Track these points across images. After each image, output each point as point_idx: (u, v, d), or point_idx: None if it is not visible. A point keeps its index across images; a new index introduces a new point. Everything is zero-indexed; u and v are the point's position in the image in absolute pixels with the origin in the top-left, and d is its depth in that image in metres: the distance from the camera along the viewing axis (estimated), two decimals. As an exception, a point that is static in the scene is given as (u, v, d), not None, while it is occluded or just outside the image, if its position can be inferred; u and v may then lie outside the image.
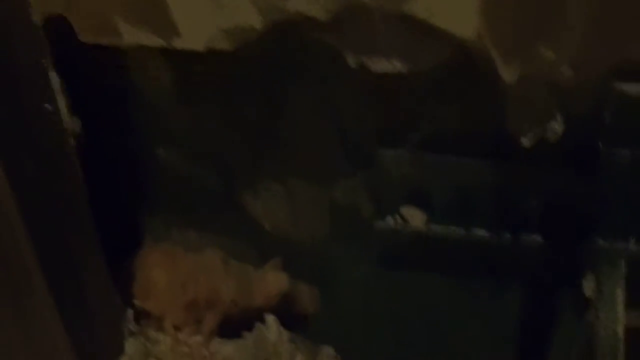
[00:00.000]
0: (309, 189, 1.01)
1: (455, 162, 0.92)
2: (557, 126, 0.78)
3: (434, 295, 1.07)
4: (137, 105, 1.01)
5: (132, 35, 0.88)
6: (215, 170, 1.05)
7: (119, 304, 1.10)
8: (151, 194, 1.12)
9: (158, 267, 1.14)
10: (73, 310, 0.96)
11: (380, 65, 0.78)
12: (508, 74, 0.73)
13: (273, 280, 1.12)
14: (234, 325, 1.13)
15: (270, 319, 1.11)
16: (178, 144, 1.04)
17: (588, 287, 0.86)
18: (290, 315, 1.14)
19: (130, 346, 1.13)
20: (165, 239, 1.15)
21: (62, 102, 0.89)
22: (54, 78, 0.86)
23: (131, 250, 1.15)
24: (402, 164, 0.94)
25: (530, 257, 0.98)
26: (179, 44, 0.86)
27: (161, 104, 1.00)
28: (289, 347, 1.11)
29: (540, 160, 0.85)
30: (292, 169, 1.01)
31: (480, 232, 0.96)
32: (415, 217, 0.98)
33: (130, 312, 1.14)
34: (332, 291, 1.13)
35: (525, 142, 0.80)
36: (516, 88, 0.76)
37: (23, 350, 0.97)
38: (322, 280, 1.12)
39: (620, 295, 0.79)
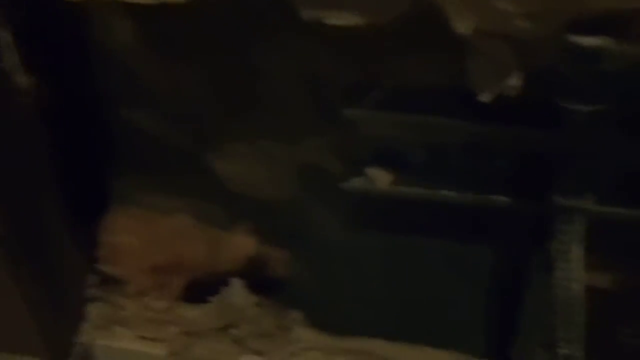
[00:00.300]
0: (276, 149, 1.00)
1: (421, 121, 0.90)
2: (515, 81, 0.77)
3: (402, 255, 1.06)
4: (101, 63, 0.99)
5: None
6: (183, 131, 1.04)
7: (82, 268, 1.09)
8: (118, 156, 1.10)
9: (124, 231, 1.13)
10: (32, 273, 0.95)
11: (336, 18, 0.76)
12: (462, 26, 0.71)
13: (241, 244, 1.11)
14: (201, 289, 1.13)
15: (237, 282, 1.11)
16: (144, 104, 1.03)
17: (550, 246, 0.85)
18: (260, 279, 1.13)
19: (94, 312, 1.13)
20: (134, 202, 1.14)
21: (13, 59, 0.87)
22: (4, 35, 0.83)
23: (99, 214, 1.14)
24: (368, 123, 0.93)
25: (497, 216, 0.97)
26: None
27: (125, 62, 0.98)
28: (256, 311, 1.10)
29: (501, 118, 0.84)
30: (259, 129, 0.99)
31: (447, 192, 0.95)
32: (381, 178, 0.97)
33: (94, 277, 1.13)
34: (301, 253, 1.12)
35: (485, 97, 0.79)
36: (473, 42, 0.75)
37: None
38: (291, 243, 1.11)
39: (578, 253, 0.79)
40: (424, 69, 0.85)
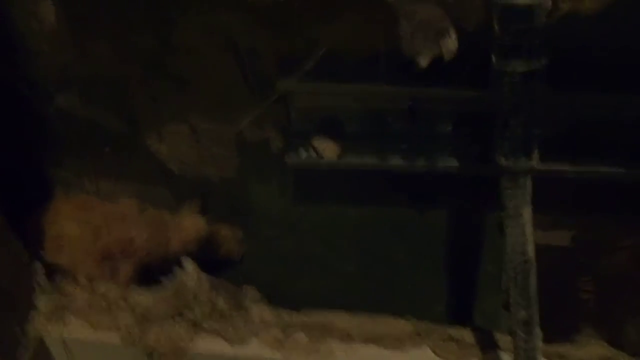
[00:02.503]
0: (213, 127, 0.97)
1: (358, 89, 0.88)
2: (450, 44, 0.74)
3: (353, 226, 1.04)
4: (28, 50, 0.95)
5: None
6: (118, 115, 1.00)
7: (27, 262, 1.06)
8: (57, 143, 1.07)
9: (68, 218, 1.09)
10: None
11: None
12: (392, -10, 0.68)
13: (189, 225, 1.08)
14: (153, 272, 1.10)
15: (189, 264, 1.08)
16: (76, 90, 0.99)
17: (500, 210, 0.83)
18: (213, 259, 1.11)
19: (44, 303, 1.10)
20: (77, 189, 1.10)
21: None
22: None
23: (42, 203, 1.11)
24: (305, 94, 0.90)
25: (447, 182, 0.95)
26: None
27: (52, 46, 0.94)
28: (211, 292, 1.08)
29: (438, 81, 0.81)
30: (193, 108, 0.96)
31: (394, 160, 0.92)
32: (327, 150, 0.94)
33: (40, 267, 1.09)
34: (251, 230, 1.09)
35: (421, 61, 0.76)
36: (405, 6, 0.72)
37: None
38: (240, 220, 1.09)
39: (527, 213, 0.77)
40: (357, 36, 0.82)
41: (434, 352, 1.03)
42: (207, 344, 1.06)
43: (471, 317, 1.07)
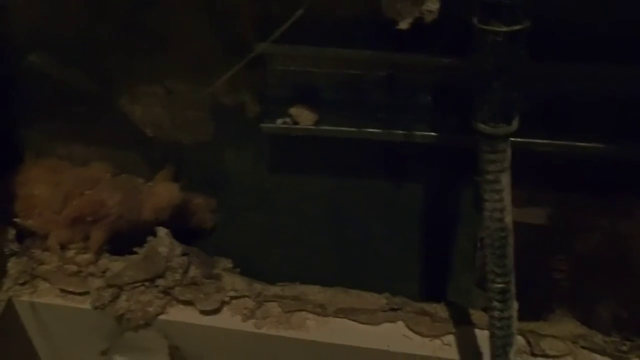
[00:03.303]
0: (189, 90, 0.95)
1: (336, 54, 0.86)
2: (432, 5, 0.72)
3: (329, 197, 1.02)
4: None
5: None
6: (91, 75, 0.98)
7: (-4, 223, 1.04)
8: (27, 105, 1.04)
9: (40, 182, 1.07)
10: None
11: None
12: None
13: (163, 192, 1.06)
14: (126, 240, 1.08)
15: (162, 232, 1.06)
16: (50, 49, 0.97)
17: (478, 177, 0.82)
18: (187, 227, 1.09)
19: (14, 267, 1.08)
20: (48, 153, 1.08)
21: None
22: None
23: (12, 166, 1.09)
24: (282, 58, 0.88)
25: (424, 153, 0.94)
26: None
27: (23, 1, 0.92)
28: (183, 260, 1.06)
29: (420, 45, 0.80)
30: (168, 70, 0.94)
31: (371, 129, 0.91)
32: (304, 116, 0.93)
33: (11, 232, 1.07)
34: (225, 199, 1.08)
35: (402, 25, 0.74)
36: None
37: None
38: (214, 189, 1.07)
39: (505, 179, 0.75)
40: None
41: (407, 326, 1.02)
42: (177, 311, 1.05)
43: (445, 293, 1.06)
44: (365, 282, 1.06)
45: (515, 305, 0.83)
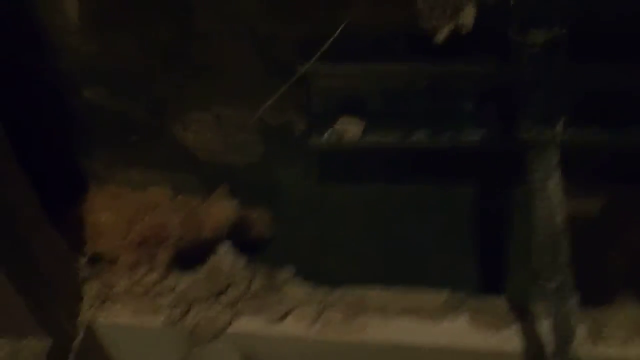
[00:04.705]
0: (236, 113, 0.98)
1: (377, 69, 0.88)
2: (467, 18, 0.74)
3: (383, 203, 1.05)
4: (52, 45, 0.97)
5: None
6: (143, 105, 1.02)
7: (67, 252, 1.09)
8: (88, 137, 1.09)
9: (104, 209, 1.12)
10: (20, 271, 0.95)
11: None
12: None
13: (220, 210, 1.10)
14: (189, 259, 1.12)
15: (224, 247, 1.10)
16: (102, 83, 1.01)
17: (527, 183, 0.83)
18: (245, 242, 1.13)
19: (88, 291, 1.13)
20: (110, 181, 1.13)
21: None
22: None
23: (77, 196, 1.14)
24: (325, 76, 0.90)
25: (472, 157, 0.95)
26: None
27: (75, 41, 0.96)
28: (246, 273, 1.10)
29: (459, 57, 0.81)
30: (216, 95, 0.97)
31: (418, 137, 0.93)
32: (349, 129, 0.95)
33: (82, 259, 1.13)
34: (281, 212, 1.11)
35: (439, 37, 0.76)
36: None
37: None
38: (270, 202, 1.10)
39: (556, 186, 0.77)
40: (375, 14, 0.82)
41: (468, 322, 1.03)
42: (244, 323, 1.08)
43: (504, 289, 1.08)
44: (423, 283, 1.08)
45: (574, 299, 0.84)
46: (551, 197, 0.80)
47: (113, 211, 1.11)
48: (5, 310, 0.98)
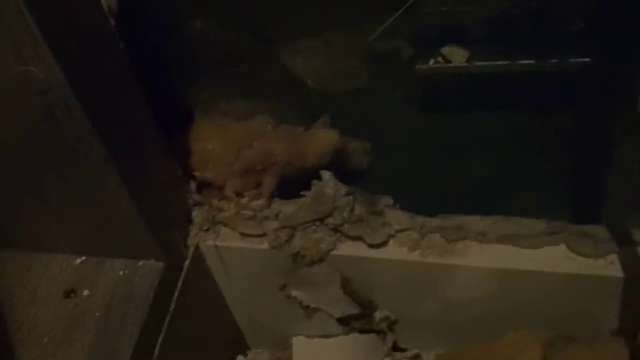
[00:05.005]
0: (346, 39, 1.00)
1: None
2: None
3: (483, 132, 1.06)
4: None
5: None
6: (253, 34, 1.05)
7: (180, 175, 1.15)
8: (195, 67, 1.13)
9: (211, 138, 1.17)
10: (136, 181, 1.00)
11: None
12: None
13: (323, 138, 1.13)
14: (293, 185, 1.17)
15: (327, 175, 1.14)
16: (212, 13, 1.04)
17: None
18: (346, 170, 1.16)
19: (197, 215, 1.19)
20: (215, 110, 1.17)
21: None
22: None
23: (184, 125, 1.19)
24: (437, 3, 0.92)
25: (579, 81, 0.96)
26: None
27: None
28: (348, 200, 1.14)
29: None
30: (325, 23, 1.00)
31: (524, 62, 0.94)
32: (456, 55, 0.97)
33: (192, 184, 1.18)
34: (383, 141, 1.13)
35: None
36: None
37: (95, 227, 1.04)
38: (372, 132, 1.13)
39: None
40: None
41: (569, 248, 1.05)
42: (347, 247, 1.13)
43: (599, 215, 1.09)
44: (523, 210, 1.09)
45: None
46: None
47: (220, 139, 1.16)
48: (125, 232, 1.05)
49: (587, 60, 0.91)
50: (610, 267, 1.02)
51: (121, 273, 1.08)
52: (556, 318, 1.06)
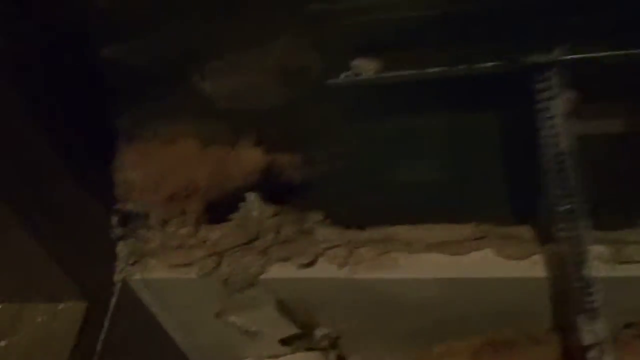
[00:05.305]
0: (254, 58, 1.00)
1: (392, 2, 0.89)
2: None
3: (404, 139, 1.06)
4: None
5: None
6: (165, 58, 1.04)
7: (99, 213, 1.12)
8: (113, 96, 1.11)
9: (133, 166, 1.15)
10: (52, 235, 0.98)
11: None
12: None
13: (248, 157, 1.12)
14: (221, 210, 1.15)
15: (252, 196, 1.13)
16: (121, 40, 1.03)
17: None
18: (277, 186, 1.15)
19: (122, 249, 1.17)
20: (138, 137, 1.15)
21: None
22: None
23: (106, 156, 1.17)
24: (341, 15, 0.92)
25: (485, 82, 0.96)
26: None
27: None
28: (274, 220, 1.12)
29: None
30: (232, 41, 0.99)
31: (433, 69, 0.94)
32: (366, 67, 0.96)
33: (114, 218, 1.16)
34: (308, 154, 1.12)
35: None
36: None
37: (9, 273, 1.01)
38: (296, 146, 1.12)
39: (556, 108, 0.78)
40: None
41: (495, 251, 1.05)
42: (276, 268, 1.12)
43: (528, 215, 1.09)
44: (450, 214, 1.09)
45: (584, 223, 0.85)
46: (554, 120, 0.81)
47: (142, 167, 1.14)
48: (41, 275, 1.02)
49: (493, 64, 0.91)
50: (535, 267, 1.02)
51: (39, 319, 1.05)
52: (487, 323, 1.06)
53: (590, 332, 0.95)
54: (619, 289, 1.01)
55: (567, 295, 0.97)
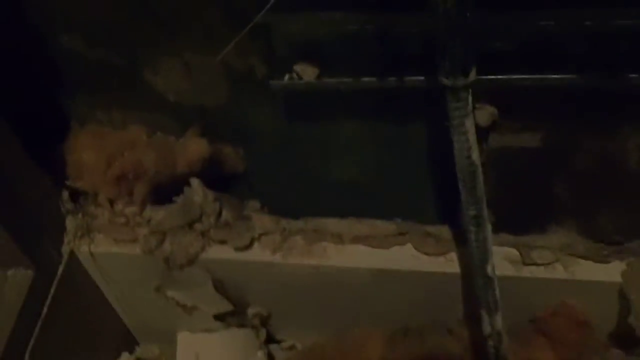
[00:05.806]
0: (203, 58, 1.07)
1: (333, 17, 0.95)
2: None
3: (338, 139, 1.14)
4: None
5: None
6: (118, 54, 1.11)
7: (51, 188, 1.19)
8: (69, 80, 1.18)
9: (86, 148, 1.22)
10: (5, 207, 1.06)
11: None
12: None
13: (193, 147, 1.20)
14: (168, 191, 1.23)
15: (195, 182, 1.21)
16: (78, 29, 1.09)
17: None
18: (220, 175, 1.23)
19: (71, 223, 1.24)
20: (91, 121, 1.22)
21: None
22: None
23: (61, 137, 1.23)
24: (286, 24, 0.99)
25: (413, 95, 1.04)
26: None
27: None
28: (215, 205, 1.21)
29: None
30: (181, 43, 1.06)
31: (368, 79, 1.02)
32: (307, 72, 1.04)
33: (65, 193, 1.23)
34: (249, 148, 1.21)
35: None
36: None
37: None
38: (239, 140, 1.20)
39: (469, 123, 0.87)
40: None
41: (415, 247, 1.15)
42: (215, 250, 1.20)
43: (447, 216, 1.19)
44: (377, 211, 1.19)
45: (488, 227, 0.96)
46: (466, 134, 0.90)
47: (94, 149, 1.21)
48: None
49: (418, 79, 0.99)
50: (449, 264, 1.13)
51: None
52: (403, 311, 1.17)
53: (490, 324, 1.07)
54: (524, 288, 1.13)
55: (474, 290, 1.08)
